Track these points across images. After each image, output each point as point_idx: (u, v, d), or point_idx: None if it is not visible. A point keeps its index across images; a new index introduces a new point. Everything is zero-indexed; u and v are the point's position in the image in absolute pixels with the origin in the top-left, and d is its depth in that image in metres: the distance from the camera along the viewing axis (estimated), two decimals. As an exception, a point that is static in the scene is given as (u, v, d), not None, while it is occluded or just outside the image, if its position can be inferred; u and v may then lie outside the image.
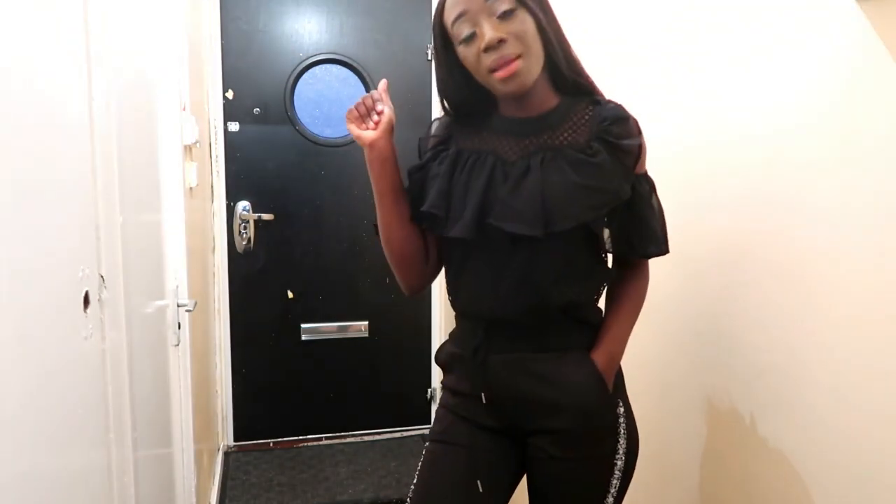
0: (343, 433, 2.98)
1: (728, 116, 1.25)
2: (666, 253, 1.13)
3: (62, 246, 0.69)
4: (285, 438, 2.93)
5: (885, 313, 0.92)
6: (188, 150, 1.81)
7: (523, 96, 1.05)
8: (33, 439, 0.60)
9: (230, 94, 2.74)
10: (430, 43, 2.91)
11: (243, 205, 2.78)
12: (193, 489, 1.67)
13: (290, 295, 2.89)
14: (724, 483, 1.29)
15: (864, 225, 0.95)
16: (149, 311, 1.19)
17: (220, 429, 2.80)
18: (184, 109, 1.67)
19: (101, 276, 0.81)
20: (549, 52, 1.03)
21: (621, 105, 1.09)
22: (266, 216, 2.80)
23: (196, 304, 1.62)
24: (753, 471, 1.20)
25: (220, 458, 2.68)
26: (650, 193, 1.12)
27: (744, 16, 1.20)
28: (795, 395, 1.09)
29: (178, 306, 1.49)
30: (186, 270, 1.61)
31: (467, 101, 1.11)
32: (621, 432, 1.11)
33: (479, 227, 1.04)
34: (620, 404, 1.12)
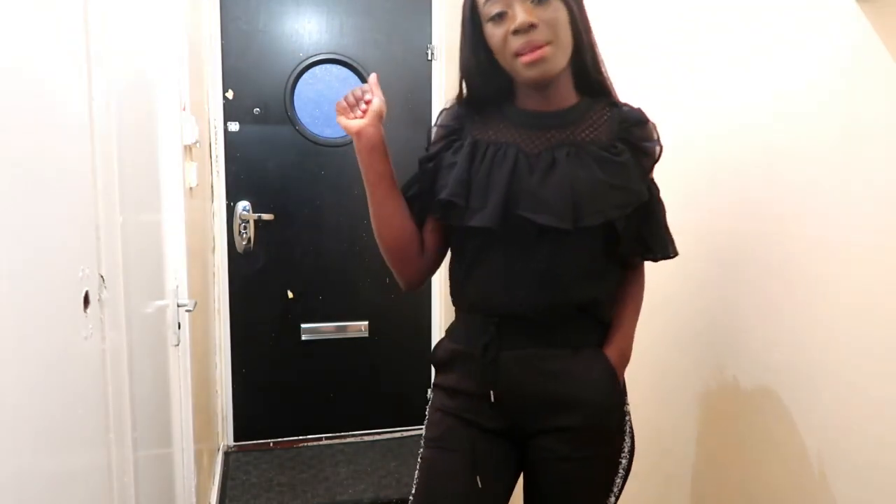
0: (343, 433, 2.98)
1: (728, 116, 1.25)
2: (677, 255, 1.14)
3: (62, 246, 0.69)
4: (285, 438, 2.92)
5: (885, 313, 0.92)
6: (188, 150, 1.81)
7: (546, 88, 1.04)
8: (33, 439, 0.60)
9: (230, 94, 2.74)
10: (430, 43, 2.91)
11: (243, 205, 2.78)
12: (193, 489, 1.66)
13: (290, 295, 2.89)
14: (724, 483, 1.29)
15: (865, 225, 0.95)
16: (149, 311, 1.19)
17: (220, 429, 2.80)
18: (184, 109, 1.67)
19: (101, 276, 0.81)
20: (577, 46, 1.02)
21: (640, 108, 1.10)
22: (266, 216, 2.80)
23: (196, 304, 1.62)
24: (754, 471, 1.20)
25: (220, 458, 2.68)
26: (659, 197, 1.13)
27: (744, 16, 1.20)
28: (796, 394, 1.09)
29: (178, 306, 1.49)
30: (186, 270, 1.61)
31: (487, 85, 1.07)
32: (627, 430, 1.12)
33: (504, 218, 1.01)
34: (627, 402, 1.13)
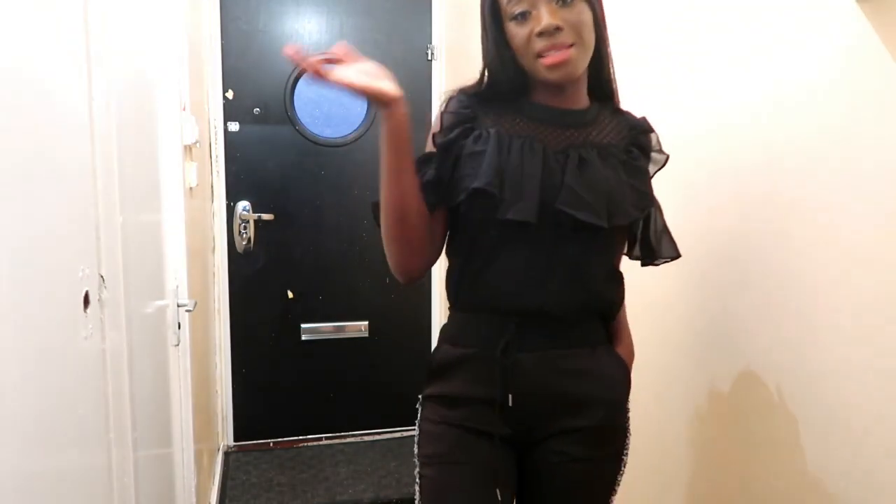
0: (343, 433, 2.98)
1: (728, 116, 1.25)
2: (680, 256, 1.15)
3: (62, 246, 0.69)
4: (285, 438, 2.92)
5: (885, 312, 0.92)
6: (188, 150, 1.81)
7: (565, 87, 1.03)
8: (33, 439, 0.60)
9: (230, 94, 2.74)
10: (430, 43, 2.91)
11: (243, 205, 2.78)
12: (193, 489, 1.66)
13: (290, 295, 2.89)
14: (724, 483, 1.29)
15: (865, 225, 0.95)
16: (149, 311, 1.19)
17: (220, 429, 2.80)
18: (184, 109, 1.67)
19: (101, 276, 0.81)
20: (599, 48, 1.02)
21: (645, 117, 1.12)
22: (266, 216, 2.80)
23: (196, 304, 1.62)
24: (754, 470, 1.20)
25: (220, 458, 2.68)
26: (658, 202, 1.15)
27: (744, 16, 1.20)
28: (796, 394, 1.09)
29: (178, 306, 1.49)
30: (186, 270, 1.61)
31: (511, 81, 1.03)
32: (628, 427, 1.13)
33: (542, 212, 0.97)
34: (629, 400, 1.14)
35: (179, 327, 1.49)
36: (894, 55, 0.89)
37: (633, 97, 1.54)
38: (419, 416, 1.12)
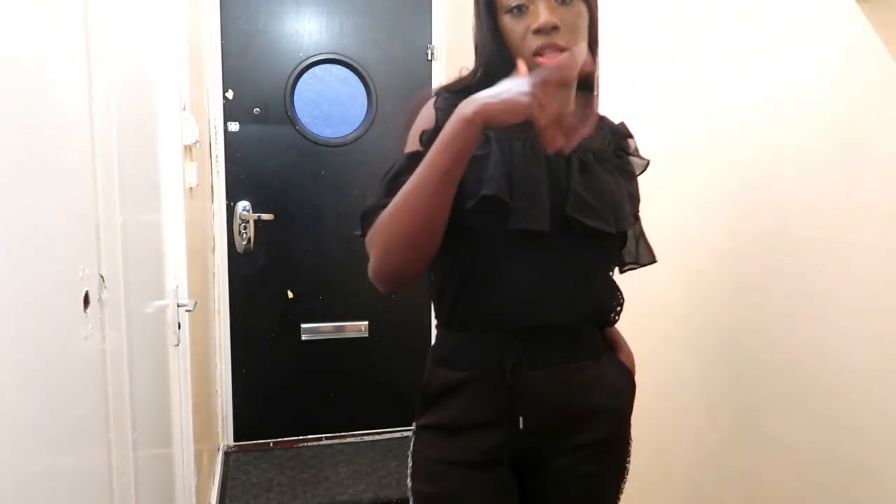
0: (343, 433, 2.98)
1: (728, 116, 1.25)
2: (656, 262, 1.13)
3: (62, 246, 0.69)
4: (285, 438, 2.92)
5: (885, 312, 0.92)
6: (188, 150, 1.81)
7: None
8: (33, 439, 0.60)
9: (230, 94, 2.74)
10: (430, 43, 2.91)
11: (243, 205, 2.78)
12: (193, 489, 1.66)
13: (290, 295, 2.89)
14: (724, 483, 1.28)
15: (865, 225, 0.95)
16: (149, 311, 1.18)
17: (220, 429, 2.80)
18: (184, 109, 1.67)
19: (101, 276, 0.81)
20: (591, 51, 0.97)
21: (623, 122, 1.09)
22: (266, 216, 2.80)
23: (196, 304, 1.62)
24: (754, 470, 1.20)
25: (220, 458, 2.68)
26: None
27: (744, 16, 1.20)
28: (796, 394, 1.09)
29: (178, 306, 1.49)
30: (186, 270, 1.61)
31: (506, 74, 0.94)
32: (630, 434, 1.09)
33: (554, 220, 0.92)
34: None
35: (179, 327, 1.49)
36: (894, 55, 0.89)
37: (633, 97, 1.54)
38: (412, 445, 1.05)
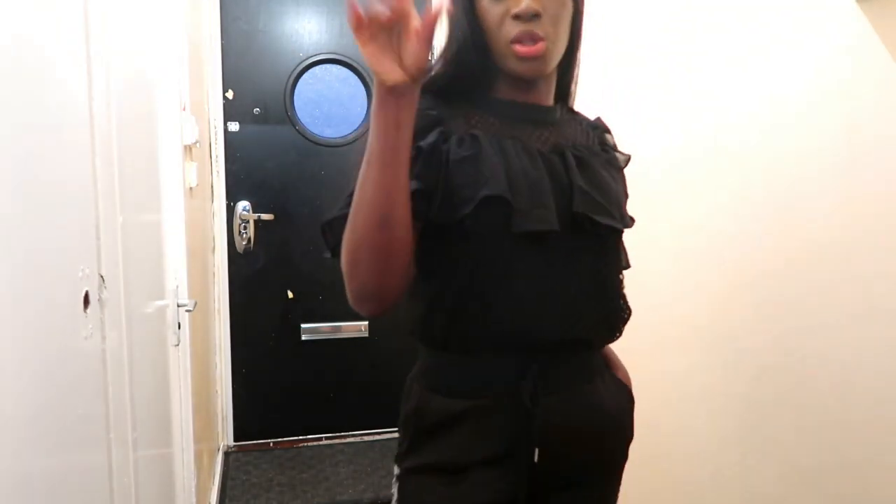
0: (343, 433, 2.98)
1: (726, 116, 1.25)
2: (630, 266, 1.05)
3: (62, 246, 0.69)
4: (285, 438, 2.92)
5: (885, 312, 0.92)
6: (188, 150, 1.81)
7: (536, 82, 0.91)
8: (33, 439, 0.60)
9: (230, 94, 2.74)
10: (429, 43, 2.91)
11: (243, 205, 2.78)
12: (193, 489, 1.67)
13: (290, 295, 2.89)
14: (724, 483, 1.29)
15: (864, 224, 0.95)
16: (149, 311, 1.19)
17: (220, 429, 2.80)
18: (184, 109, 1.67)
19: (101, 276, 0.81)
20: (572, 46, 0.91)
21: (599, 117, 1.03)
22: (266, 216, 2.80)
23: (196, 304, 1.62)
24: (754, 470, 1.20)
25: (220, 458, 2.68)
26: None
27: (741, 16, 1.20)
28: (795, 394, 1.09)
29: (178, 306, 1.49)
30: (186, 270, 1.61)
31: (478, 61, 0.88)
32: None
33: (561, 221, 0.84)
34: None
35: (179, 327, 1.49)
36: (894, 55, 0.89)
37: (631, 97, 1.54)
38: (398, 494, 0.92)
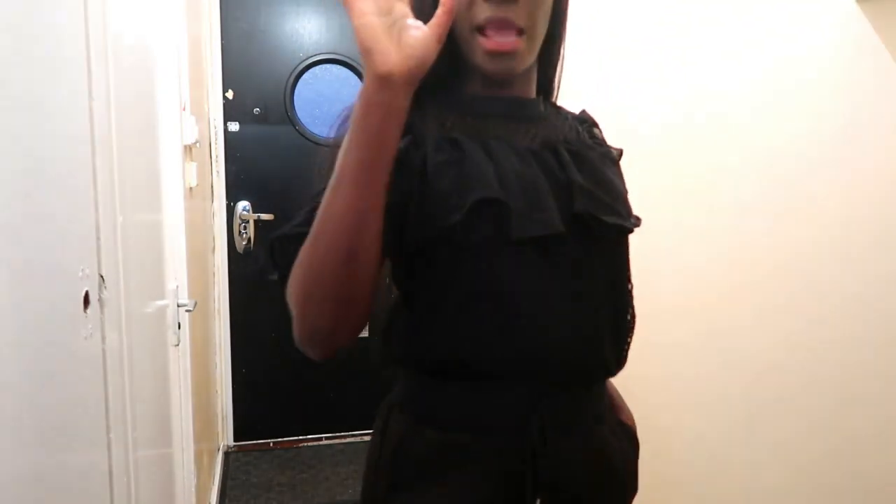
0: (343, 433, 2.98)
1: (722, 110, 1.25)
2: None
3: (62, 246, 0.69)
4: (285, 438, 2.93)
5: (885, 312, 0.92)
6: (188, 150, 1.81)
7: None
8: (33, 439, 0.60)
9: (230, 94, 2.74)
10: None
11: (243, 205, 2.78)
12: (193, 489, 1.66)
13: (290, 295, 2.89)
14: (724, 482, 1.28)
15: (864, 224, 0.95)
16: (149, 311, 1.19)
17: (220, 429, 2.80)
18: (184, 109, 1.67)
19: (101, 276, 0.81)
20: (556, 38, 0.80)
21: (584, 110, 0.92)
22: (266, 216, 2.80)
23: (196, 304, 1.62)
24: (754, 470, 1.20)
25: (220, 458, 2.68)
26: None
27: (736, 9, 1.20)
28: (795, 395, 1.09)
29: (178, 306, 1.49)
30: (186, 270, 1.61)
31: (448, 52, 0.67)
32: None
33: (565, 221, 0.73)
34: None
35: (179, 327, 1.49)
36: (894, 55, 0.89)
37: (626, 91, 1.54)
38: None
